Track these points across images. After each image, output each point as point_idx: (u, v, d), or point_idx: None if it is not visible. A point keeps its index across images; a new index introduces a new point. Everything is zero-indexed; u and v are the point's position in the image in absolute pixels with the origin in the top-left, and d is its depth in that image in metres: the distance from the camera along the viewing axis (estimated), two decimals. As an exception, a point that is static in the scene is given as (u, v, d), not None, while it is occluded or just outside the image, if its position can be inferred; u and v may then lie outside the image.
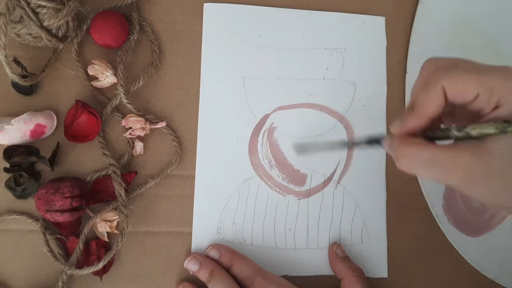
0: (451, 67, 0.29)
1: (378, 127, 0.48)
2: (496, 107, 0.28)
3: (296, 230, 0.46)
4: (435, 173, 0.29)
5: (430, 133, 0.31)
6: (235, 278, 0.42)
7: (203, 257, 0.43)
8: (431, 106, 0.29)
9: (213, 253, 0.43)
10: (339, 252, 0.45)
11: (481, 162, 0.28)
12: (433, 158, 0.29)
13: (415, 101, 0.31)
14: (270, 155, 0.46)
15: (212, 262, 0.42)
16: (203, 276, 0.42)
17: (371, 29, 0.49)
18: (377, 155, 0.48)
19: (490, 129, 0.27)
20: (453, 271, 0.48)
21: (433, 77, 0.29)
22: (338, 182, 0.47)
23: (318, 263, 0.45)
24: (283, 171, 0.46)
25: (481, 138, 0.28)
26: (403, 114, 0.32)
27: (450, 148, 0.29)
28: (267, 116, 0.47)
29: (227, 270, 0.42)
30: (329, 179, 0.47)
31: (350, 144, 0.38)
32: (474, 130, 0.28)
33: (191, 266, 0.42)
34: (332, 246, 0.45)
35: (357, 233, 0.46)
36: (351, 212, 0.46)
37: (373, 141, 0.35)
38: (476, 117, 0.29)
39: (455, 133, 0.29)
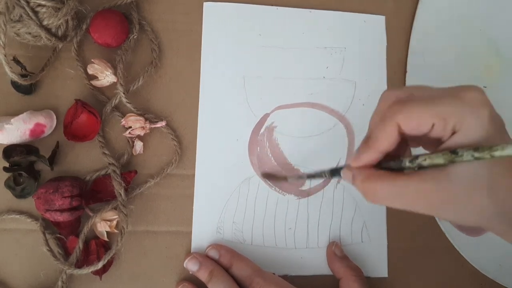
0: (405, 101, 0.30)
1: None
2: (453, 133, 0.29)
3: (296, 230, 0.46)
4: (400, 204, 0.30)
5: (385, 164, 0.32)
6: (234, 278, 0.42)
7: (203, 257, 0.43)
8: (384, 142, 0.30)
9: (213, 253, 0.43)
10: (337, 251, 0.45)
11: (441, 188, 0.28)
12: (399, 190, 0.30)
13: (370, 135, 0.32)
14: (270, 155, 0.46)
15: (212, 262, 0.42)
16: (202, 276, 0.42)
17: (372, 28, 0.49)
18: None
19: (439, 160, 0.28)
20: (453, 271, 0.48)
21: (388, 113, 0.30)
22: (338, 182, 0.47)
23: (318, 263, 0.45)
24: (283, 170, 0.46)
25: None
26: (359, 147, 0.33)
27: (411, 177, 0.29)
28: (267, 115, 0.46)
29: (227, 270, 0.42)
30: (329, 179, 0.46)
31: (313, 176, 0.40)
32: (425, 162, 0.29)
33: (191, 266, 0.42)
34: (331, 246, 0.45)
35: (357, 232, 0.46)
36: (351, 211, 0.46)
37: (336, 173, 0.36)
38: (438, 142, 0.30)
39: (407, 164, 0.30)
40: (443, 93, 0.30)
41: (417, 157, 0.29)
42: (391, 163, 0.31)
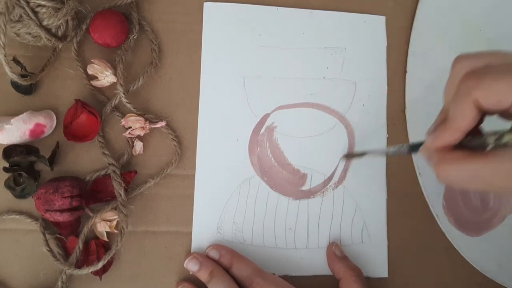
0: (482, 73, 0.28)
1: (378, 128, 0.48)
2: None
3: (296, 230, 0.46)
4: (478, 186, 0.29)
5: (466, 141, 0.30)
6: (234, 279, 0.42)
7: (203, 257, 0.43)
8: (464, 120, 0.28)
9: (213, 253, 0.43)
10: (337, 251, 0.45)
11: None
12: (474, 173, 0.28)
13: (447, 114, 0.30)
14: (270, 155, 0.46)
15: (212, 262, 0.42)
16: (203, 276, 0.42)
17: (372, 28, 0.49)
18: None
19: None
20: (453, 271, 0.48)
21: (464, 88, 0.28)
22: (338, 182, 0.47)
23: (318, 263, 0.45)
24: (283, 170, 0.46)
25: None
26: (435, 124, 0.31)
27: (489, 157, 0.28)
28: (267, 115, 0.46)
29: (227, 270, 0.42)
30: (329, 179, 0.46)
31: (392, 151, 0.38)
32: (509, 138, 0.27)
33: (191, 266, 0.42)
34: (331, 246, 0.45)
35: (357, 232, 0.46)
36: (351, 211, 0.46)
37: (415, 149, 0.34)
38: None
39: (492, 142, 0.28)
40: None
41: (502, 135, 0.27)
42: (473, 142, 0.29)
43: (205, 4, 0.46)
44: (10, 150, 0.41)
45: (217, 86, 0.46)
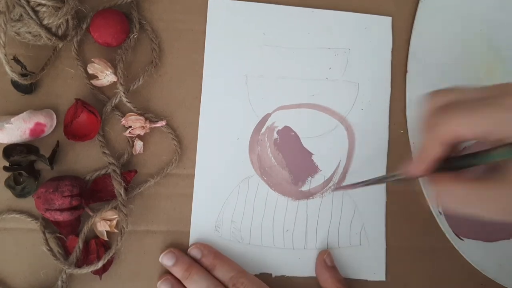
0: (445, 109, 0.31)
1: (380, 131, 0.48)
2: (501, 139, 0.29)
3: (295, 231, 0.45)
4: (476, 209, 0.31)
5: (452, 164, 0.32)
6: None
7: (181, 253, 0.42)
8: (431, 153, 0.32)
9: (195, 253, 0.43)
10: (328, 260, 0.44)
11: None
12: (472, 195, 0.30)
13: (420, 147, 0.33)
14: (270, 155, 0.46)
15: (190, 260, 0.42)
16: (178, 272, 0.41)
17: (377, 29, 0.48)
18: (377, 157, 0.47)
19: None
20: (453, 271, 0.48)
21: (430, 122, 0.31)
22: (338, 184, 0.46)
23: (315, 264, 0.45)
24: (283, 170, 0.46)
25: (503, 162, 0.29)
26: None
27: (479, 184, 0.30)
28: (268, 115, 0.46)
29: (209, 271, 0.42)
30: (329, 180, 0.46)
31: (389, 179, 0.40)
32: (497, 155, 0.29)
33: (166, 260, 0.42)
34: (322, 254, 0.45)
35: (356, 235, 0.46)
36: (350, 213, 0.46)
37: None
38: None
39: (473, 161, 0.31)
40: (484, 99, 0.30)
41: (488, 153, 0.30)
42: (455, 162, 0.32)
43: (210, 0, 0.46)
44: (10, 149, 0.41)
45: (219, 84, 0.46)
